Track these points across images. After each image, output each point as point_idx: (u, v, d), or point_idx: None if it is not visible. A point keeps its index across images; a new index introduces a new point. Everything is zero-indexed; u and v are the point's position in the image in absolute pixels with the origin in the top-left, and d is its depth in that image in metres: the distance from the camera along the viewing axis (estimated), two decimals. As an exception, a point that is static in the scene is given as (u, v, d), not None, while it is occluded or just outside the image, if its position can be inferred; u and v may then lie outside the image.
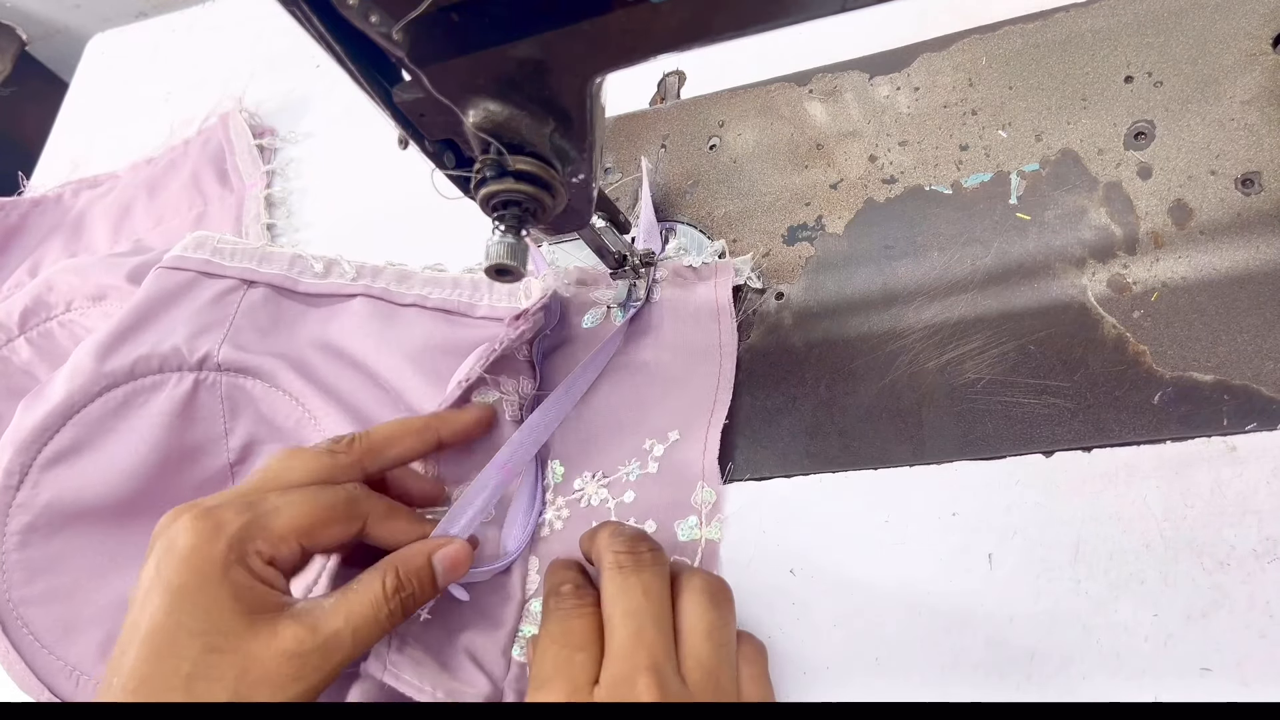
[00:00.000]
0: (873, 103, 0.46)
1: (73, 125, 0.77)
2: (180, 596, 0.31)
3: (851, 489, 0.39)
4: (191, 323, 0.45)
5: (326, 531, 0.35)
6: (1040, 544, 0.35)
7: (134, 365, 0.43)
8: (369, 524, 0.36)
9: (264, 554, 0.33)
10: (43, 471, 0.42)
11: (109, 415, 0.43)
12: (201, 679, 0.30)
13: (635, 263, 0.43)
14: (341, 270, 0.47)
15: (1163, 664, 0.32)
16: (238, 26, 0.73)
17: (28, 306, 0.51)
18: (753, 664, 0.33)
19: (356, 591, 0.34)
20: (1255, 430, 0.34)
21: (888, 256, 0.42)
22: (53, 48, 1.01)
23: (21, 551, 0.42)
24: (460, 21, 0.23)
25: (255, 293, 0.47)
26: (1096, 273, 0.38)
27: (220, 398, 0.45)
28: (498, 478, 0.39)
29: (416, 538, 0.37)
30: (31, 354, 0.52)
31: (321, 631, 0.32)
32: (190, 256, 0.47)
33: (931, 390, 0.39)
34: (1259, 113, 0.38)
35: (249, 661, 0.31)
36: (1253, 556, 0.32)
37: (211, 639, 0.31)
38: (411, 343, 0.45)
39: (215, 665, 0.31)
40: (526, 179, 0.28)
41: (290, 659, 0.31)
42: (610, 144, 0.51)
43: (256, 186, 0.61)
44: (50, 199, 0.68)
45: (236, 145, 0.64)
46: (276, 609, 0.32)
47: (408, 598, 0.34)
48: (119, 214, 0.65)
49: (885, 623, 0.35)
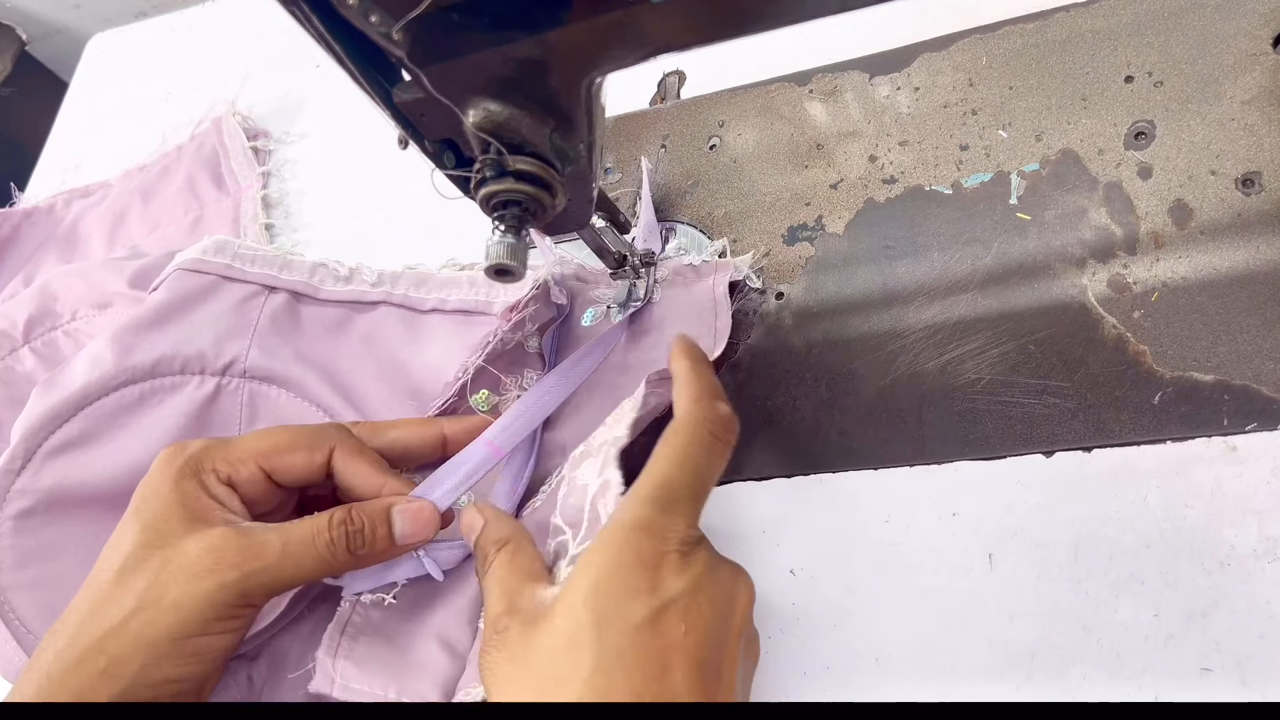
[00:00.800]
0: (873, 103, 0.46)
1: (72, 125, 0.77)
2: (136, 507, 0.34)
3: (851, 489, 0.39)
4: (217, 327, 0.45)
5: (288, 457, 0.36)
6: (1040, 544, 0.35)
7: (156, 363, 0.43)
8: (335, 459, 0.36)
9: (220, 473, 0.35)
10: (47, 458, 0.42)
11: (122, 410, 0.43)
12: (130, 570, 0.32)
13: (635, 263, 0.43)
14: (362, 277, 0.48)
15: (1163, 664, 0.32)
16: (238, 26, 0.73)
17: (32, 315, 0.51)
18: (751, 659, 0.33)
19: (301, 519, 0.34)
20: (1255, 430, 0.34)
21: (888, 256, 0.42)
22: (53, 48, 1.01)
23: (15, 537, 0.41)
24: (460, 21, 0.23)
25: (277, 299, 0.47)
26: (1097, 273, 0.38)
27: (240, 404, 0.44)
28: (484, 452, 0.39)
29: (382, 484, 0.36)
30: (36, 363, 0.51)
31: (249, 534, 0.33)
32: (211, 260, 0.47)
33: (931, 390, 0.39)
34: (1259, 113, 0.38)
35: (174, 554, 0.32)
36: (1253, 556, 0.32)
37: (149, 536, 0.33)
38: (435, 350, 0.45)
39: (145, 558, 0.32)
40: (526, 179, 0.28)
41: (210, 551, 0.32)
42: (610, 144, 0.51)
43: (253, 188, 0.61)
44: (42, 210, 0.68)
45: (231, 148, 0.63)
46: (220, 521, 0.33)
47: (354, 533, 0.34)
48: (113, 222, 0.64)
49: (885, 623, 0.35)
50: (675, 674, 0.27)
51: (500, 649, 0.30)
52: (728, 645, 0.29)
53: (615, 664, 0.27)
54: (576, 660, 0.27)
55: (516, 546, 0.34)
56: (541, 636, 0.28)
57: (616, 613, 0.27)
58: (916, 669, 0.34)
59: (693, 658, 0.27)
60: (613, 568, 0.28)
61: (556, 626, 0.28)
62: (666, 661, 0.27)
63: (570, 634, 0.28)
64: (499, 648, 0.30)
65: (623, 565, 0.28)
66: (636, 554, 0.28)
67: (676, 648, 0.27)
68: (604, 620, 0.27)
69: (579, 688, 0.27)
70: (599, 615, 0.27)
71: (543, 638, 0.28)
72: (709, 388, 0.33)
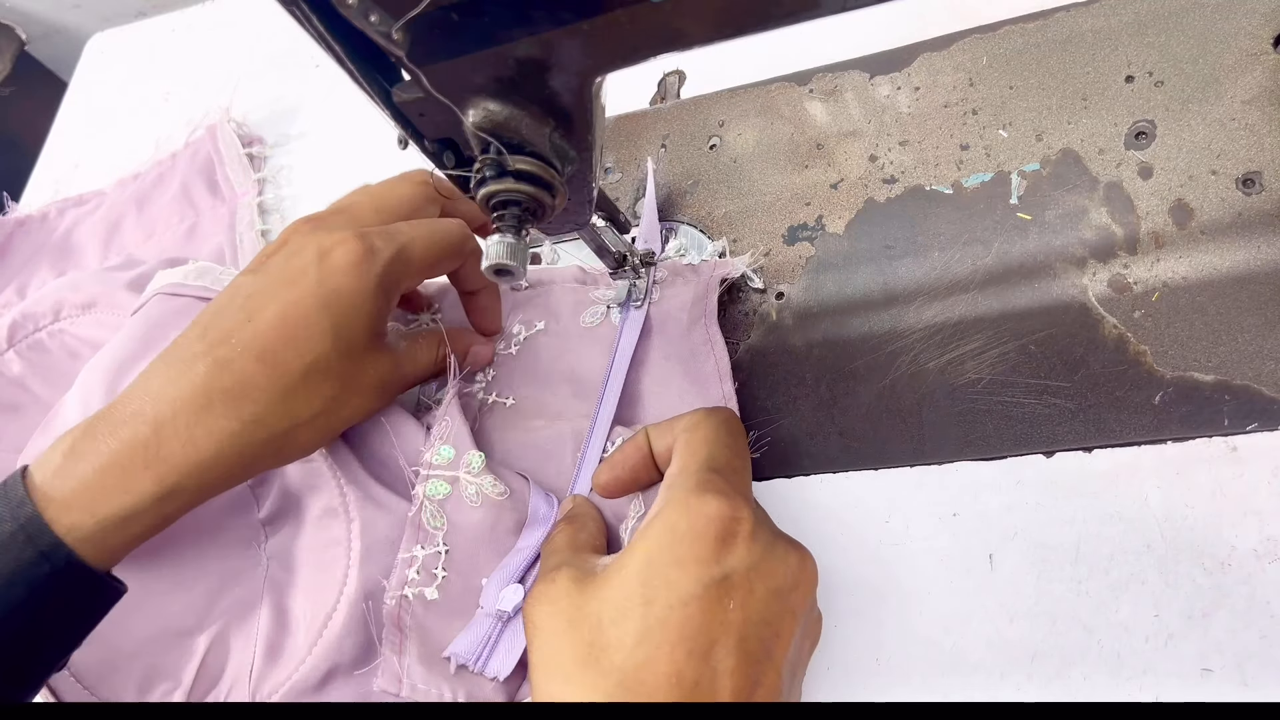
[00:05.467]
0: (873, 102, 0.46)
1: (72, 125, 0.77)
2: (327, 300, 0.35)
3: (851, 489, 0.38)
4: None
5: (442, 265, 0.41)
6: (1040, 544, 0.35)
7: None
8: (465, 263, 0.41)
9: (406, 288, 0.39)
10: None
11: None
12: (317, 372, 0.35)
13: (635, 263, 0.43)
14: None
15: (1163, 664, 0.32)
16: (238, 26, 0.73)
17: (15, 320, 0.50)
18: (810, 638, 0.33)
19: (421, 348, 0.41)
20: (1256, 430, 0.34)
21: (888, 256, 0.42)
22: (52, 47, 1.01)
23: None
24: (460, 21, 0.23)
25: None
26: (1097, 273, 0.38)
27: None
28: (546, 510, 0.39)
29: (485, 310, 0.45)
30: (23, 367, 0.51)
31: (400, 369, 0.40)
32: (189, 284, 0.47)
33: (932, 390, 0.39)
34: (1260, 112, 0.38)
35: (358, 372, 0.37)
36: (1253, 556, 0.32)
37: (341, 345, 0.36)
38: None
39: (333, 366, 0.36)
40: (526, 179, 0.28)
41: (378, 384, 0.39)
42: (610, 144, 0.51)
43: (249, 195, 0.61)
44: (35, 219, 0.67)
45: (225, 155, 0.63)
46: (382, 336, 0.39)
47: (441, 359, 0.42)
48: (108, 230, 0.64)
49: (885, 623, 0.35)
50: (719, 651, 0.26)
51: (546, 602, 0.30)
52: (781, 626, 0.28)
53: (661, 636, 0.26)
54: (622, 629, 0.27)
55: (583, 524, 0.36)
56: (591, 600, 0.28)
57: (666, 585, 0.27)
58: (916, 669, 0.34)
59: (740, 636, 0.27)
60: (667, 541, 0.28)
61: (607, 594, 0.28)
62: (713, 638, 0.27)
63: (619, 602, 0.28)
64: (545, 600, 0.30)
65: (677, 538, 0.28)
66: (690, 527, 0.28)
67: (724, 624, 0.27)
68: (653, 591, 0.27)
69: (622, 657, 0.26)
70: (649, 586, 0.27)
71: (592, 602, 0.28)
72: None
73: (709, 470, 0.30)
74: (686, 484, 0.29)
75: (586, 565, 0.31)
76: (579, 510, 0.37)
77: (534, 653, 0.29)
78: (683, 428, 0.33)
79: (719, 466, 0.30)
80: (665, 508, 0.29)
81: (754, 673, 0.27)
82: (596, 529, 0.36)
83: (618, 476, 0.35)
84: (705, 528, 0.28)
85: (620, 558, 0.29)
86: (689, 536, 0.28)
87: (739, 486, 0.30)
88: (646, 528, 0.29)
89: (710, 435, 0.32)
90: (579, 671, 0.27)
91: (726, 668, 0.26)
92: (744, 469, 0.32)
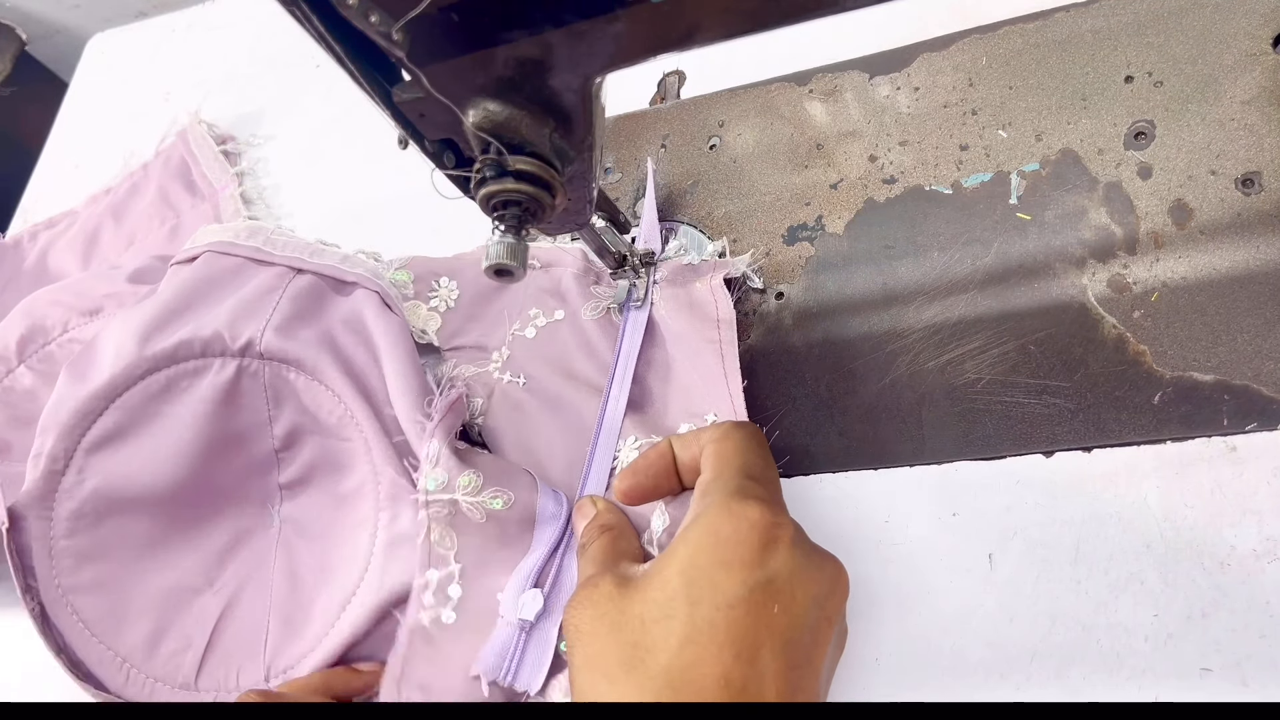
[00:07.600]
0: (873, 103, 0.46)
1: (73, 125, 0.77)
2: None
3: (851, 488, 0.38)
4: (234, 308, 0.44)
5: None
6: (1040, 544, 0.35)
7: (176, 349, 0.43)
8: None
9: None
10: (87, 456, 0.42)
11: (151, 400, 0.42)
12: None
13: (635, 263, 0.43)
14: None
15: (1163, 664, 0.32)
16: (238, 26, 0.73)
17: (23, 335, 0.50)
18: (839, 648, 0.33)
19: None
20: (1255, 430, 0.34)
21: (888, 256, 0.42)
22: (53, 48, 1.01)
23: (70, 539, 0.41)
24: (460, 21, 0.23)
25: (302, 280, 0.46)
26: (1097, 273, 0.38)
27: (264, 385, 0.44)
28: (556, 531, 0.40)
29: None
30: (35, 380, 0.50)
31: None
32: (240, 244, 0.47)
33: (931, 390, 0.39)
34: (1259, 113, 0.38)
35: None
36: (1253, 556, 0.32)
37: None
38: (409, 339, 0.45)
39: None
40: (526, 179, 0.28)
41: None
42: (610, 144, 0.51)
43: (229, 188, 0.61)
44: (8, 245, 0.66)
45: (200, 155, 0.63)
46: None
47: None
48: (85, 244, 0.63)
49: (885, 623, 0.35)
50: (765, 654, 0.27)
51: (589, 606, 0.30)
52: (820, 632, 0.28)
53: (708, 638, 0.26)
54: (668, 630, 0.27)
55: (619, 533, 0.35)
56: (634, 603, 0.28)
57: (712, 587, 0.27)
58: (916, 669, 0.34)
59: (785, 640, 0.27)
60: (710, 543, 0.28)
61: (650, 595, 0.28)
62: (759, 641, 0.27)
63: (663, 603, 0.27)
64: (588, 604, 0.30)
65: (720, 541, 0.28)
66: (735, 531, 0.28)
67: (770, 628, 0.27)
68: (698, 593, 0.27)
69: (668, 658, 0.26)
70: (693, 588, 0.27)
71: (635, 604, 0.28)
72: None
73: (746, 477, 0.30)
74: (726, 489, 0.30)
75: (627, 571, 0.31)
76: (615, 520, 0.37)
77: (575, 655, 0.29)
78: (711, 438, 0.33)
79: (755, 475, 0.31)
80: (706, 512, 0.29)
81: (796, 677, 0.27)
82: (634, 536, 0.36)
83: (640, 483, 0.35)
84: (749, 532, 0.28)
85: (660, 561, 0.29)
86: (733, 540, 0.28)
87: (777, 495, 0.31)
88: (686, 531, 0.29)
89: (741, 445, 0.32)
90: (623, 673, 0.27)
91: (772, 671, 0.27)
92: (776, 480, 0.32)
